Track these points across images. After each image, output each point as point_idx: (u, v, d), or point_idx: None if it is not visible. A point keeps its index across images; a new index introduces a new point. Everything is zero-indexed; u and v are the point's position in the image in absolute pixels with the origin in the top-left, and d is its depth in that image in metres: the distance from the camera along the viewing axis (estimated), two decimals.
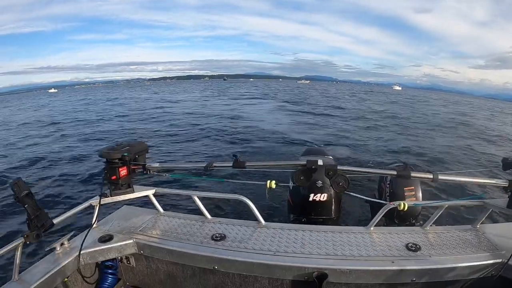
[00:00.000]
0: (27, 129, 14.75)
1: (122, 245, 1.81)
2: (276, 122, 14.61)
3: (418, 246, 1.68)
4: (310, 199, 2.50)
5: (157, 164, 2.09)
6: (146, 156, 2.15)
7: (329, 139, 10.72)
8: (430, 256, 1.62)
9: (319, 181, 2.48)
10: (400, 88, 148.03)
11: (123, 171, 1.93)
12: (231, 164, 1.95)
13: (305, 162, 1.83)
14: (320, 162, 1.82)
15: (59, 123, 16.07)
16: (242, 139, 10.49)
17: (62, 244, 1.72)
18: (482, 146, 11.43)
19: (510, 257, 1.52)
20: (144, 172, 2.06)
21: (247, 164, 1.94)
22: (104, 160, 1.92)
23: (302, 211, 2.63)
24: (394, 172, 1.84)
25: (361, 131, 13.03)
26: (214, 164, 1.98)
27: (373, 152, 9.09)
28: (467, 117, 23.08)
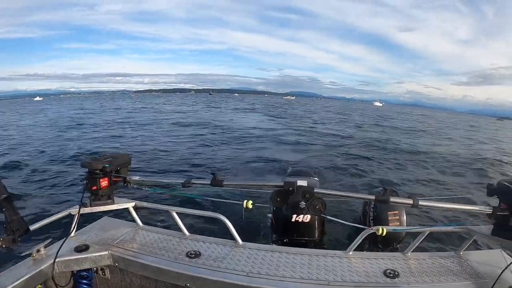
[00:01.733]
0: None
1: (97, 256, 1.83)
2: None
3: (396, 273, 1.67)
4: (293, 220, 2.51)
5: (137, 178, 2.14)
6: (129, 169, 2.19)
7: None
8: (408, 284, 1.60)
9: (303, 202, 2.49)
10: (381, 104, 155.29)
11: (104, 182, 1.96)
12: (209, 182, 1.99)
13: (282, 183, 1.89)
14: (300, 183, 1.87)
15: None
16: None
17: (38, 250, 1.73)
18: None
19: (493, 286, 1.51)
20: (124, 184, 2.10)
21: (224, 183, 1.98)
22: (86, 170, 1.94)
23: (284, 232, 2.64)
24: (373, 197, 1.86)
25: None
26: (193, 181, 2.03)
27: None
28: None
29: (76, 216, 1.92)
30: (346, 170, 8.98)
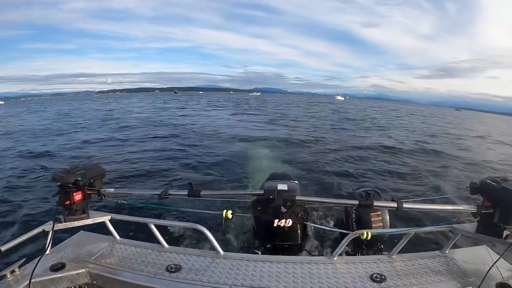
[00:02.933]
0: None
1: (74, 275, 1.78)
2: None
3: (383, 277, 1.69)
4: (275, 224, 2.50)
5: (112, 190, 2.09)
6: (103, 181, 2.15)
7: None
8: (396, 287, 1.63)
9: (283, 207, 2.50)
10: (342, 98, 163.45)
11: (77, 196, 1.92)
12: (186, 193, 1.98)
13: (262, 192, 1.90)
14: (280, 187, 1.87)
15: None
16: None
17: (12, 271, 1.67)
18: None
19: (480, 285, 1.56)
20: (99, 197, 2.05)
21: (202, 193, 1.97)
22: (58, 183, 1.89)
23: (267, 237, 2.64)
24: (356, 202, 1.87)
25: None
26: (169, 192, 2.00)
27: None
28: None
29: (50, 233, 1.87)
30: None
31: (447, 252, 1.95)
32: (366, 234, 1.85)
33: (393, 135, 19.32)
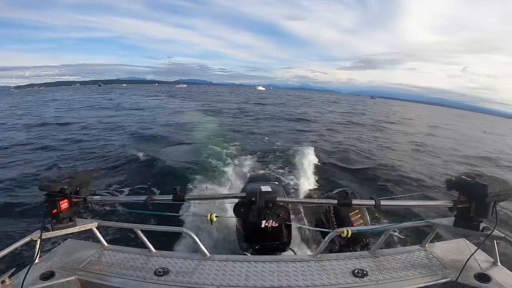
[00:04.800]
0: None
1: (64, 283, 1.80)
2: None
3: (365, 272, 1.75)
4: (262, 225, 2.54)
5: (98, 197, 2.11)
6: (90, 188, 2.16)
7: None
8: (377, 282, 1.68)
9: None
10: (263, 88, 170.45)
11: (64, 204, 1.93)
12: (171, 198, 2.03)
13: (244, 194, 1.96)
14: (264, 188, 1.93)
15: None
16: None
17: (3, 281, 1.69)
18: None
19: (459, 276, 1.65)
20: (86, 205, 2.07)
21: (186, 197, 2.01)
22: (44, 192, 1.91)
23: (255, 239, 2.69)
24: (335, 202, 1.93)
25: None
26: (154, 197, 2.03)
27: None
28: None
29: (39, 242, 1.88)
30: None
31: (426, 246, 2.02)
32: (347, 231, 1.92)
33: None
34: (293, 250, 2.83)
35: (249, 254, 2.59)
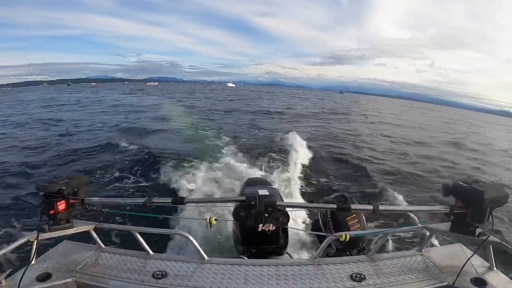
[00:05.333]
0: None
1: (61, 284, 1.79)
2: None
3: (362, 276, 1.77)
4: (259, 229, 2.50)
5: (96, 199, 2.09)
6: (87, 189, 2.14)
7: None
8: (375, 286, 1.70)
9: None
10: (233, 85, 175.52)
11: (61, 205, 1.91)
12: (170, 200, 2.02)
13: (244, 198, 1.98)
14: (261, 192, 1.94)
15: None
16: None
17: None
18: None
19: (455, 280, 1.67)
20: (83, 206, 2.06)
21: (186, 200, 2.01)
22: (42, 193, 1.90)
23: (252, 243, 2.69)
24: (334, 206, 1.97)
25: None
26: (153, 200, 2.02)
27: None
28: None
29: (35, 243, 1.87)
30: None
31: (423, 251, 2.03)
32: (345, 236, 1.94)
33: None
34: (289, 254, 2.84)
35: (245, 258, 2.60)
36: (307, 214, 4.49)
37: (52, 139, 13.17)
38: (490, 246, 1.78)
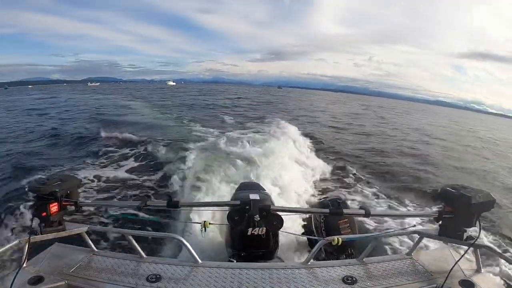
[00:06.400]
0: None
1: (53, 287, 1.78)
2: None
3: (354, 279, 1.79)
4: (249, 233, 2.58)
5: (89, 201, 2.06)
6: (79, 191, 2.14)
7: None
8: None
9: (257, 215, 2.58)
10: (174, 83, 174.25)
11: (53, 207, 1.89)
12: (165, 204, 2.01)
13: (238, 202, 1.99)
14: (252, 197, 1.96)
15: None
16: None
17: None
18: None
19: (444, 283, 1.71)
20: (76, 208, 2.03)
21: (180, 204, 2.02)
22: (34, 195, 1.88)
23: (241, 246, 2.71)
24: (327, 211, 2.01)
25: None
26: (148, 203, 2.03)
27: None
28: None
29: (27, 245, 1.84)
30: None
31: (413, 254, 2.08)
32: (337, 240, 1.99)
33: None
34: (280, 258, 2.86)
35: (234, 261, 2.60)
36: (300, 218, 4.54)
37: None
38: (478, 249, 1.84)
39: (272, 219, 1.95)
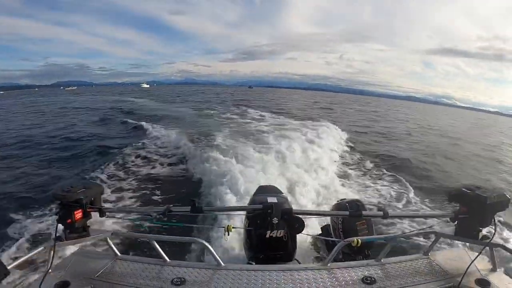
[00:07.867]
0: None
1: None
2: None
3: (373, 279, 1.82)
4: (267, 236, 2.57)
5: (113, 207, 2.14)
6: (102, 198, 2.18)
7: None
8: None
9: (275, 218, 2.47)
10: (148, 86, 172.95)
11: (78, 214, 1.93)
12: (189, 209, 2.08)
13: (261, 206, 2.05)
14: (270, 200, 2.01)
15: None
16: None
17: None
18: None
19: (460, 282, 1.73)
20: (100, 215, 2.09)
21: (204, 208, 2.07)
22: (59, 202, 1.92)
23: (260, 249, 2.72)
24: (347, 213, 2.07)
25: None
26: (172, 209, 2.07)
27: None
28: None
29: (52, 251, 1.87)
30: None
31: (429, 254, 2.11)
32: (357, 241, 2.03)
33: None
34: (298, 260, 2.87)
35: (253, 263, 2.63)
36: (316, 220, 4.57)
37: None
38: (493, 248, 1.86)
39: (293, 222, 1.99)
